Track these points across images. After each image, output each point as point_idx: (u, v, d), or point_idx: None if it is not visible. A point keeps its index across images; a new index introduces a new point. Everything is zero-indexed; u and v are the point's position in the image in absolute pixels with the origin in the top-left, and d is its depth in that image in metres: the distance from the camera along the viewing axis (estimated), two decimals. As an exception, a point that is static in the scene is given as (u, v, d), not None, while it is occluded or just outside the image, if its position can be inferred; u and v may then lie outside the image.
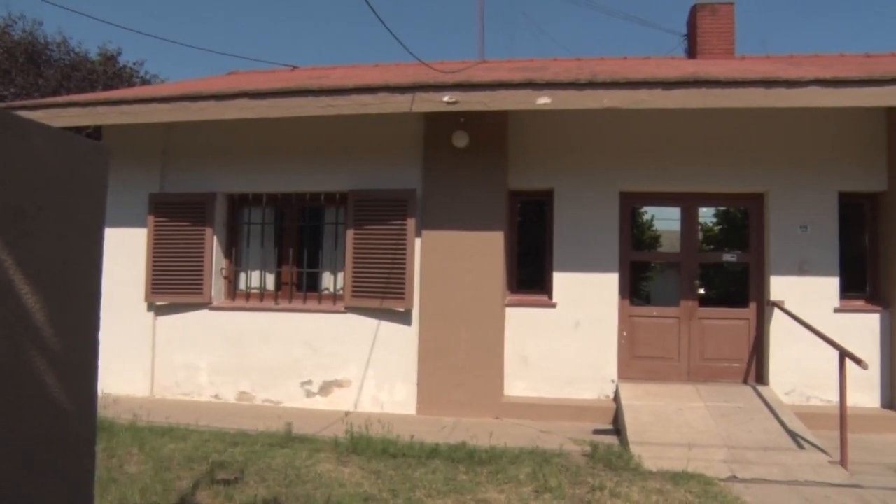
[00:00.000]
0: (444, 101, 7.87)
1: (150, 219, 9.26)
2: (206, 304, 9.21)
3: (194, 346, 9.18)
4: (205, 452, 6.22)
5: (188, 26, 67.89)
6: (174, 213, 9.24)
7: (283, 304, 9.24)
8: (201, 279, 9.14)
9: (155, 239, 9.26)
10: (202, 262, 9.16)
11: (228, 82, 10.25)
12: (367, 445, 6.48)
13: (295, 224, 9.48)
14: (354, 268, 8.82)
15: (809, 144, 8.72)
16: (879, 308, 8.61)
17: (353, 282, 8.82)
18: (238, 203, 9.61)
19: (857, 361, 6.48)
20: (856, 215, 9.00)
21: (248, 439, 6.72)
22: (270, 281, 9.52)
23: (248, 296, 9.44)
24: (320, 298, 9.24)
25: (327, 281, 9.37)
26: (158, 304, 9.30)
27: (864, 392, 8.38)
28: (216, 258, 9.30)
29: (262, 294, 9.42)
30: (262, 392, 9.01)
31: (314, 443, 6.69)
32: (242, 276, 9.57)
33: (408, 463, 6.04)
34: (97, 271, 2.00)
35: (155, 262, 9.22)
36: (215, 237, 9.27)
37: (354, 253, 8.84)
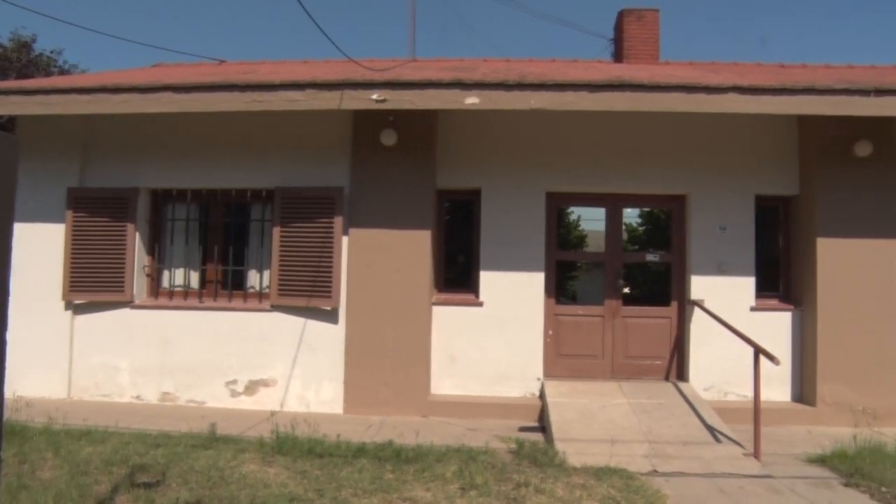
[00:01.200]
0: (373, 99, 7.85)
1: (69, 214, 8.95)
2: (128, 303, 8.97)
3: (115, 346, 8.93)
4: (125, 455, 6.04)
5: (111, 15, 65.83)
6: (94, 209, 8.96)
7: (208, 302, 9.07)
8: (122, 277, 8.90)
9: (73, 235, 8.96)
10: (123, 259, 8.92)
11: (152, 75, 10.00)
12: (293, 445, 6.41)
13: (220, 221, 9.31)
14: (281, 266, 8.73)
15: (728, 149, 9.01)
16: (792, 307, 8.97)
17: (280, 280, 8.72)
18: (162, 199, 9.38)
19: (770, 358, 6.75)
20: (771, 218, 9.35)
21: (170, 441, 6.57)
22: (195, 279, 9.32)
23: (171, 294, 9.23)
24: (246, 297, 9.10)
25: (253, 279, 9.23)
26: (77, 302, 9.01)
27: (777, 387, 8.72)
28: (138, 255, 9.07)
29: (187, 292, 9.22)
30: (185, 392, 8.83)
31: (239, 443, 6.59)
32: (166, 273, 9.36)
33: (334, 462, 6.01)
34: (4, 268, 1.92)
35: (73, 258, 8.92)
36: (138, 234, 9.04)
37: (281, 251, 8.74)
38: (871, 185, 8.60)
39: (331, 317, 8.74)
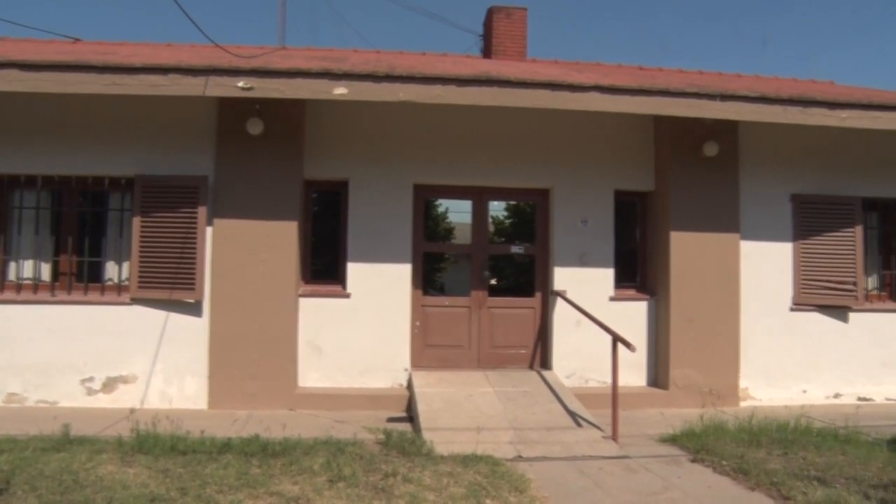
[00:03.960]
0: (239, 86, 7.65)
1: None
2: (-31, 297, 8.37)
3: (-46, 343, 8.30)
4: (-41, 465, 5.55)
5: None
6: (-70, 196, 8.29)
7: (61, 295, 8.57)
8: (-37, 269, 8.29)
9: None
10: (-36, 249, 8.30)
11: (-4, 52, 9.33)
12: (154, 443, 6.16)
13: (75, 210, 8.81)
14: (141, 257, 8.37)
15: (591, 145, 9.39)
16: (647, 297, 9.47)
17: (140, 272, 8.37)
18: (8, 185, 8.74)
19: (627, 345, 7.10)
20: (629, 212, 9.82)
21: (16, 445, 6.06)
22: (46, 271, 8.79)
23: (19, 287, 8.64)
24: (103, 290, 8.67)
25: (112, 271, 8.80)
26: (-90, 296, 8.32)
27: (635, 373, 9.20)
28: (-19, 246, 8.47)
29: (37, 285, 8.67)
30: (35, 392, 8.30)
31: (95, 444, 6.24)
32: (13, 265, 8.75)
33: (198, 459, 5.82)
34: None
35: None
36: (-21, 223, 8.43)
37: (141, 242, 8.38)
38: (717, 182, 9.21)
39: (194, 310, 8.48)
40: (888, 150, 9.63)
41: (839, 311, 9.53)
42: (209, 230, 8.48)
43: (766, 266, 9.34)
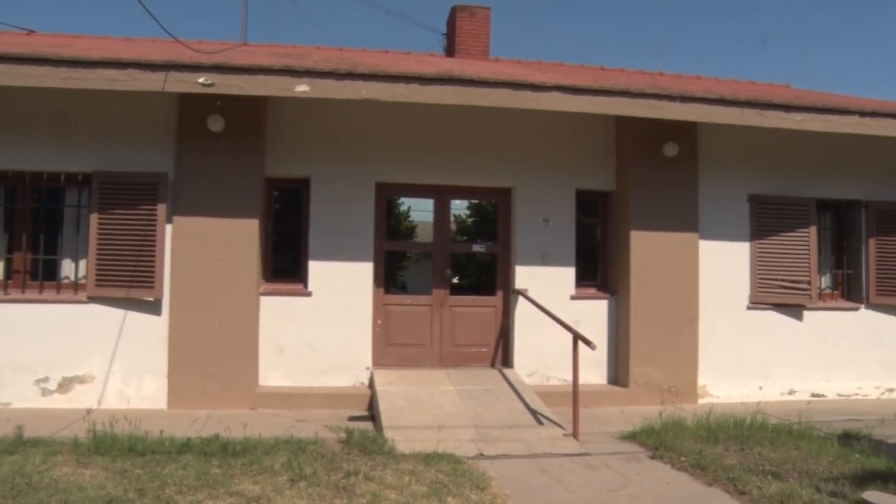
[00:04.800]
0: (200, 82, 7.57)
1: None
2: (-82, 295, 8.16)
3: None
4: None
5: None
6: None
7: (15, 294, 8.39)
8: (-88, 266, 8.07)
9: None
10: (-87, 246, 8.08)
11: (-53, 44, 9.10)
12: (111, 444, 6.05)
13: (29, 206, 8.62)
14: (99, 255, 8.23)
15: (552, 145, 9.45)
16: (608, 295, 9.57)
17: (98, 270, 8.23)
18: (-41, 181, 8.56)
19: (588, 343, 7.18)
20: (590, 211, 9.92)
21: None
22: (-1, 269, 8.61)
23: (-30, 285, 8.46)
24: (59, 288, 8.50)
25: (68, 269, 8.63)
26: None
27: (595, 370, 9.29)
28: (-70, 243, 8.26)
29: (-11, 283, 8.49)
30: (-14, 393, 8.13)
31: (50, 446, 6.10)
32: (-36, 262, 8.57)
33: (157, 460, 5.74)
34: None
35: None
36: (-71, 219, 8.22)
37: (99, 239, 8.24)
38: (677, 182, 9.34)
39: (153, 308, 8.36)
40: (841, 152, 9.86)
41: (794, 310, 9.73)
42: (169, 228, 8.36)
43: (725, 265, 9.50)
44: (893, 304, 10.03)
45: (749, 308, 9.61)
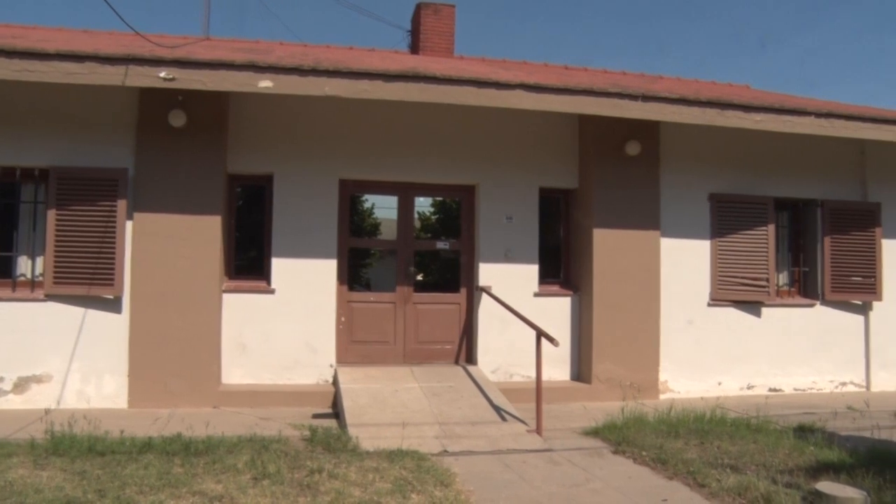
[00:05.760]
0: (161, 77, 7.46)
1: None
2: None
3: None
4: None
5: None
6: None
7: (-31, 291, 8.22)
8: None
9: None
10: None
11: None
12: (70, 445, 5.95)
13: (-17, 202, 8.45)
14: (57, 252, 8.08)
15: (516, 142, 9.50)
16: (571, 293, 9.65)
17: (56, 267, 8.08)
18: None
19: (551, 340, 7.22)
20: (553, 209, 9.99)
21: None
22: (-48, 266, 8.41)
23: (-78, 282, 8.26)
24: (15, 286, 8.33)
25: (24, 266, 8.46)
26: None
27: (559, 367, 9.36)
28: None
29: (-59, 280, 8.30)
30: (-62, 394, 7.94)
31: (5, 447, 5.95)
32: (-85, 260, 8.35)
33: (118, 460, 5.65)
34: None
35: None
36: None
37: (57, 236, 8.09)
38: (639, 180, 9.45)
39: (113, 306, 8.24)
40: (799, 152, 10.07)
41: (753, 307, 9.91)
42: (129, 224, 8.24)
43: (686, 263, 9.64)
44: (847, 301, 10.28)
45: (709, 305, 9.76)
